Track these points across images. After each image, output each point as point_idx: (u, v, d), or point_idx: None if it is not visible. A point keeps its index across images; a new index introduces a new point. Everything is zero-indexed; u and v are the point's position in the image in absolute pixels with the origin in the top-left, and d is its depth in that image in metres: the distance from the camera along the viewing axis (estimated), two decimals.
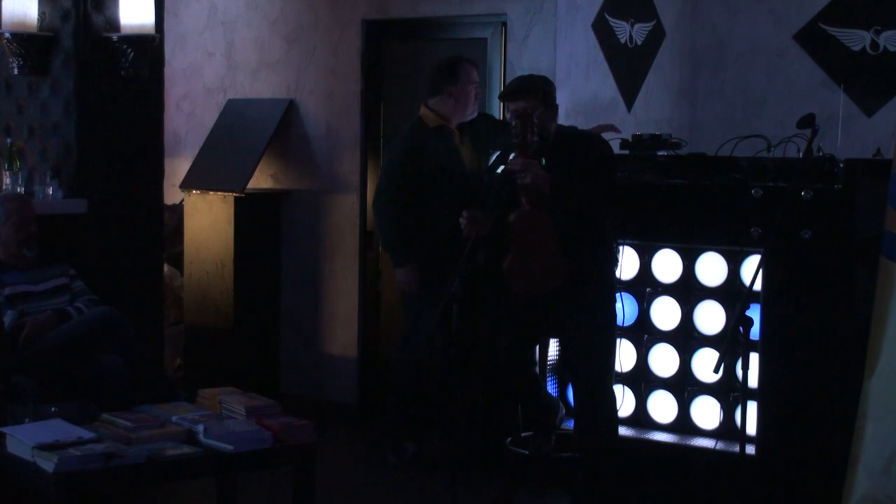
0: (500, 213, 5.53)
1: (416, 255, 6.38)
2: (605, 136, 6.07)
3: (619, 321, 5.96)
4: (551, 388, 6.36)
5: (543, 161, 5.56)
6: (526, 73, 6.38)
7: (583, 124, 6.23)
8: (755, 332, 5.26)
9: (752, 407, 5.53)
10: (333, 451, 6.67)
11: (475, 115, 6.53)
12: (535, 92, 5.61)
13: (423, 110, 6.52)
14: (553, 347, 6.35)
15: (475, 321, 6.30)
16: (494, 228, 5.54)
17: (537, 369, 6.24)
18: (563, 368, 6.30)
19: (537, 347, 6.21)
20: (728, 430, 5.83)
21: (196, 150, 8.37)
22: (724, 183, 5.78)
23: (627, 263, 6.09)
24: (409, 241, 6.38)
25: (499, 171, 5.68)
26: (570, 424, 5.97)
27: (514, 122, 5.50)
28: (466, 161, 6.48)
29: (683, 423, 6.05)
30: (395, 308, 7.37)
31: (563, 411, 6.05)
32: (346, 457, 6.95)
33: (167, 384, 6.21)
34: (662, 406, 6.12)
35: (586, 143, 5.69)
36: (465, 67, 6.50)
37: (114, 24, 6.90)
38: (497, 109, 7.31)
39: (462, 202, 6.08)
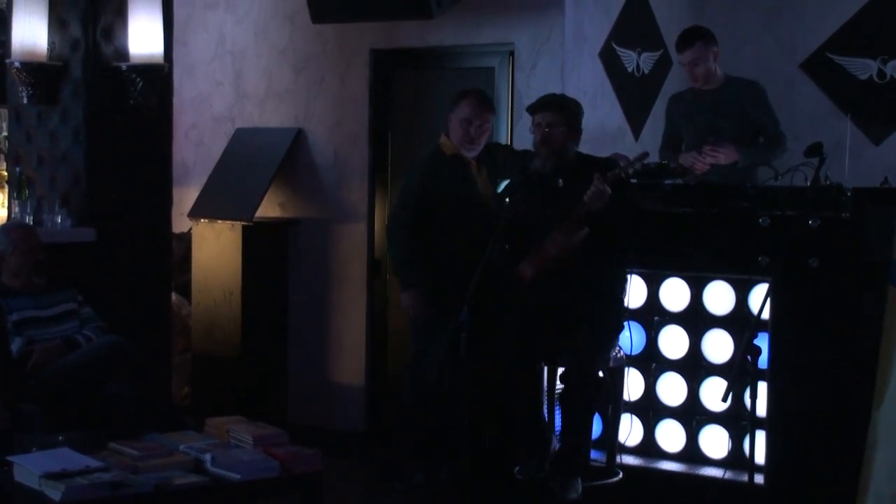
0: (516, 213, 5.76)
1: (424, 279, 6.37)
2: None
3: (627, 350, 5.98)
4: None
5: (560, 182, 5.68)
6: (533, 101, 6.40)
7: (590, 153, 6.23)
8: (763, 361, 5.26)
9: (760, 436, 5.51)
10: (341, 480, 6.66)
11: (472, 152, 6.44)
12: (561, 109, 5.83)
13: (442, 137, 6.54)
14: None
15: (483, 348, 6.29)
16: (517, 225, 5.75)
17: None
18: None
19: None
20: (737, 459, 5.81)
21: (204, 179, 8.39)
22: (731, 211, 5.79)
23: (635, 292, 6.08)
24: (419, 266, 6.38)
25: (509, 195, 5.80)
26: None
27: (542, 148, 5.84)
28: (482, 190, 6.47)
29: (692, 453, 6.03)
30: (403, 336, 7.36)
31: (555, 438, 6.01)
32: (354, 485, 6.94)
33: (175, 413, 6.22)
34: (670, 435, 6.10)
35: (606, 168, 5.79)
36: (466, 100, 6.43)
37: (123, 54, 6.93)
38: (504, 136, 7.33)
39: (476, 230, 6.13)
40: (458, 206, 6.37)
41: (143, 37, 6.90)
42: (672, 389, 6.10)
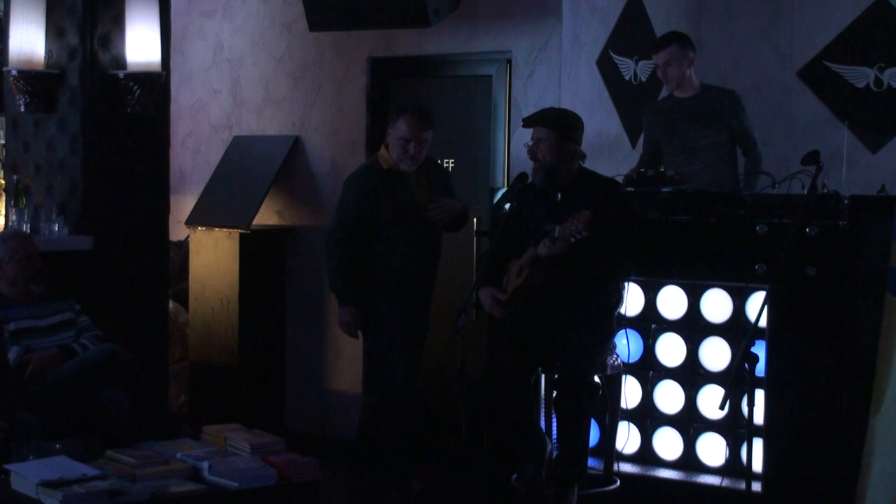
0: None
1: (358, 297, 6.34)
2: None
3: (625, 358, 5.98)
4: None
5: (559, 196, 5.69)
6: (531, 110, 6.42)
7: (587, 161, 6.24)
8: (760, 369, 5.26)
9: (757, 444, 5.51)
10: (338, 488, 6.65)
11: (409, 168, 6.35)
12: (552, 125, 5.77)
13: (381, 149, 6.46)
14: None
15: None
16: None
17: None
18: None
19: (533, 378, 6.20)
20: (734, 467, 5.81)
21: (202, 187, 8.39)
22: (729, 219, 5.79)
23: (632, 300, 6.09)
24: (354, 283, 6.34)
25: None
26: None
27: (533, 162, 5.79)
28: (421, 202, 6.39)
29: (689, 460, 6.03)
30: None
31: (551, 446, 6.01)
32: (351, 494, 6.92)
33: (172, 421, 6.20)
34: (668, 443, 6.10)
35: (605, 186, 5.79)
36: (404, 118, 6.29)
37: (120, 62, 6.93)
38: (501, 145, 7.34)
39: (416, 243, 6.29)
40: (396, 220, 6.33)
41: (141, 45, 6.90)
42: (669, 397, 6.10)
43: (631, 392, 6.11)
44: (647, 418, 6.16)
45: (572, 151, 5.84)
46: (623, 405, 6.01)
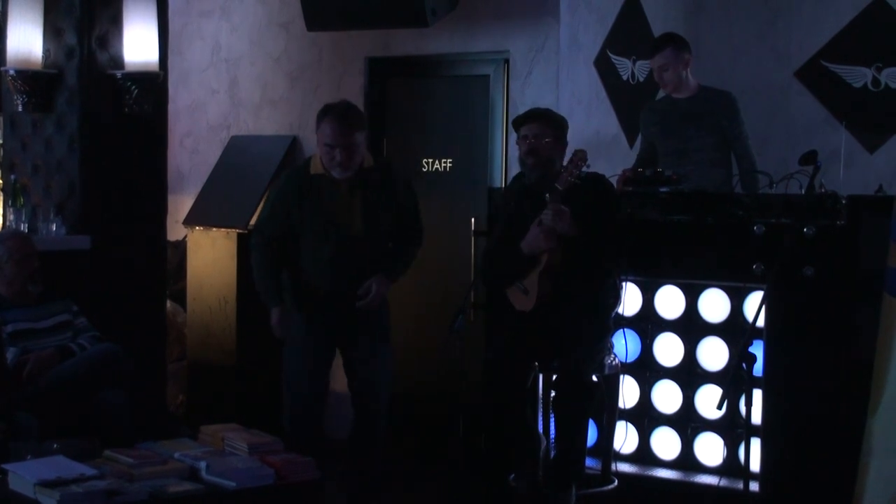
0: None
1: (281, 298, 6.06)
2: None
3: (623, 358, 5.98)
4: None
5: (547, 196, 5.69)
6: (528, 109, 6.41)
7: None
8: (758, 369, 5.26)
9: (755, 444, 5.51)
10: (336, 488, 6.64)
11: (341, 175, 5.85)
12: (550, 121, 5.78)
13: (315, 153, 6.06)
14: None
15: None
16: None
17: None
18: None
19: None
20: (732, 466, 5.81)
21: (199, 187, 8.39)
22: (726, 219, 5.79)
23: (630, 300, 6.08)
24: (276, 285, 6.06)
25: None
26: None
27: (529, 158, 5.75)
28: (348, 212, 5.93)
29: (687, 460, 6.02)
30: (397, 345, 7.36)
31: (548, 445, 6.00)
32: (349, 494, 6.92)
33: (170, 421, 6.20)
34: (665, 443, 6.10)
35: (592, 182, 5.79)
36: (327, 120, 5.86)
37: (118, 62, 6.93)
38: (499, 145, 7.33)
39: (334, 254, 5.90)
40: (310, 231, 5.93)
41: (139, 45, 6.91)
42: (667, 397, 6.10)
43: (629, 392, 6.11)
44: (645, 418, 6.16)
45: (564, 148, 5.88)
46: (621, 405, 6.01)
